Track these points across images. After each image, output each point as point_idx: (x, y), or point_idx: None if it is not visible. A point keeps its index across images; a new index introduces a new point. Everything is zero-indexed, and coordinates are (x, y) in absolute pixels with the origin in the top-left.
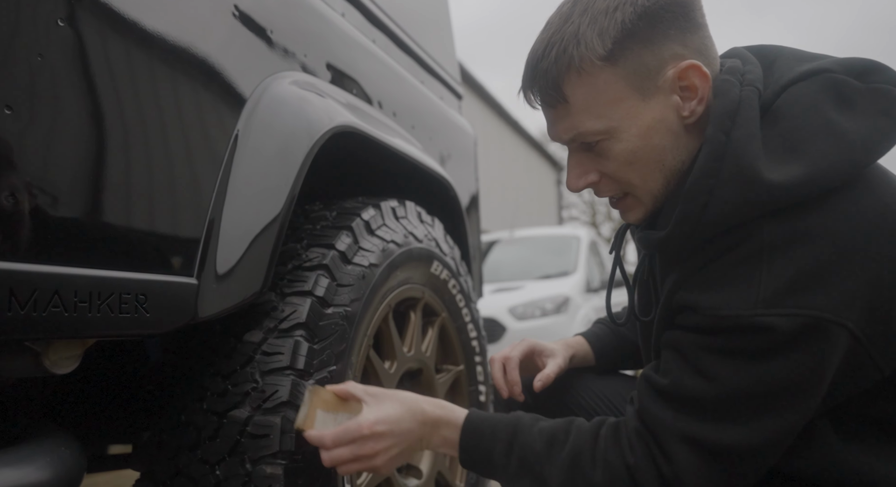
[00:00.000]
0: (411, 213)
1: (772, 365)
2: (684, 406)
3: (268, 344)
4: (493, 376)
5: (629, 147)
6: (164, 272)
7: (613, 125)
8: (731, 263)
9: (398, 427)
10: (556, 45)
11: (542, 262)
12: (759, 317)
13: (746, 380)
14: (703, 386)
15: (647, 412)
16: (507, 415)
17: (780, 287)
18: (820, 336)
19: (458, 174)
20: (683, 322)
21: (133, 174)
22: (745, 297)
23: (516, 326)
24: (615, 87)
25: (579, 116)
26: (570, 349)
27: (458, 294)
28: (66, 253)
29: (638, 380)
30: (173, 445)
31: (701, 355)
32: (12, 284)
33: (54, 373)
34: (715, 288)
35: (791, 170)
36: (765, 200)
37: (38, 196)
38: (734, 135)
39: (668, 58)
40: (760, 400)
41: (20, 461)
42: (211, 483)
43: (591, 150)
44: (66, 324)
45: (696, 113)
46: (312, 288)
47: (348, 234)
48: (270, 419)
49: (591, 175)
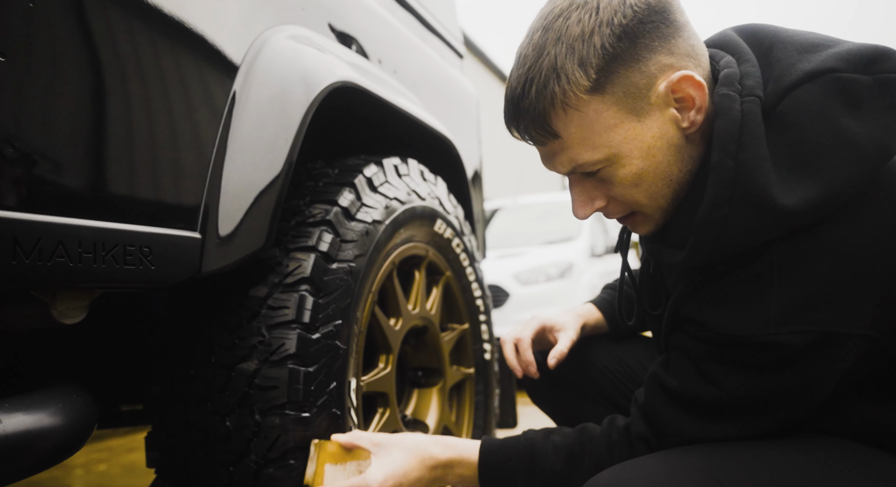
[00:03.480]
0: (414, 171)
1: (782, 374)
2: (692, 408)
3: (273, 298)
4: (507, 357)
5: (633, 170)
6: (168, 226)
7: (613, 152)
8: (741, 281)
9: (407, 479)
10: (534, 81)
11: (546, 228)
12: (771, 336)
13: (756, 388)
14: (712, 392)
15: (655, 411)
16: (520, 439)
17: (791, 305)
18: (832, 347)
19: (460, 134)
20: (693, 332)
21: (132, 127)
22: (756, 317)
23: (520, 291)
24: (607, 115)
25: (575, 149)
26: (580, 319)
27: (462, 253)
28: (69, 204)
29: (647, 378)
30: (183, 397)
31: (711, 364)
32: (16, 233)
33: (62, 323)
34: (725, 307)
35: (805, 191)
36: (780, 225)
37: (38, 147)
38: (742, 158)
39: (657, 72)
40: (768, 404)
41: (33, 406)
42: (221, 433)
43: (594, 177)
44: (71, 275)
45: (696, 122)
46: (316, 244)
47: (351, 191)
48: (278, 371)
49: (597, 201)
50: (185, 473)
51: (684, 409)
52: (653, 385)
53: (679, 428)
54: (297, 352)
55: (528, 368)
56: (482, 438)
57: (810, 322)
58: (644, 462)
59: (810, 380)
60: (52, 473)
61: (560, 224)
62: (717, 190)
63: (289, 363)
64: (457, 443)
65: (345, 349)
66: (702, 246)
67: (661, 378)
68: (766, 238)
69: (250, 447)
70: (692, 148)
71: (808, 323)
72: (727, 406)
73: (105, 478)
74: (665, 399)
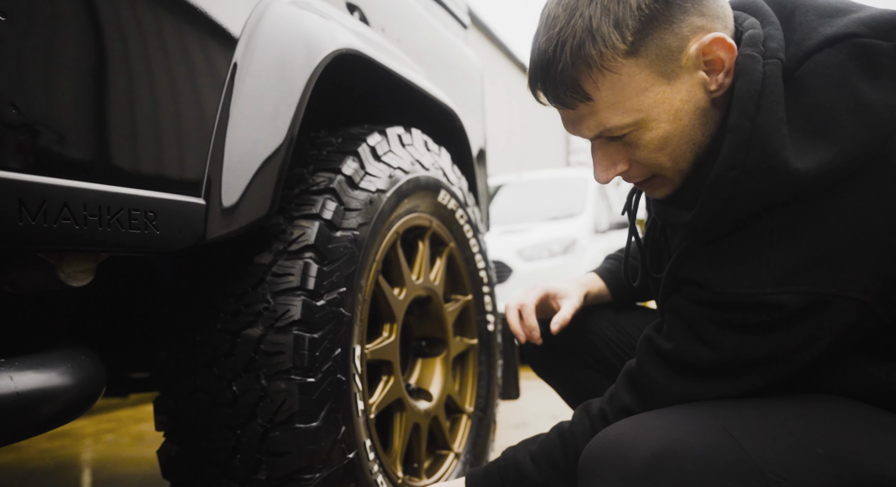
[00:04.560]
0: (417, 141)
1: (775, 336)
2: (684, 370)
3: (278, 265)
4: (510, 323)
5: (660, 134)
6: (171, 191)
7: (642, 116)
8: (742, 241)
9: None
10: (567, 42)
11: (550, 204)
12: (768, 296)
13: (749, 349)
14: (706, 353)
15: (645, 374)
16: (500, 462)
17: (789, 266)
18: (827, 309)
19: (464, 104)
20: (689, 294)
21: (133, 93)
22: (754, 276)
23: (524, 267)
24: (640, 78)
25: (605, 113)
26: (583, 287)
27: (465, 224)
28: (72, 167)
29: (640, 341)
30: (190, 363)
31: (706, 326)
32: (21, 194)
33: (69, 286)
34: (724, 266)
35: (818, 156)
36: (791, 189)
37: (40, 110)
38: (759, 121)
39: (689, 34)
40: (759, 365)
41: (43, 365)
42: (228, 397)
43: (619, 141)
44: (77, 237)
45: (724, 85)
46: (320, 212)
47: (354, 159)
48: (283, 337)
49: (619, 165)
50: (194, 436)
51: (675, 371)
52: (645, 347)
53: (667, 389)
54: (302, 319)
55: (532, 333)
56: (467, 474)
57: (807, 283)
58: (651, 415)
59: (803, 342)
60: (63, 442)
61: (564, 200)
62: (732, 151)
63: (294, 329)
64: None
65: (349, 316)
66: (711, 207)
67: (654, 340)
68: (775, 201)
69: (257, 411)
70: (716, 111)
71: (805, 283)
72: (719, 368)
73: (114, 447)
74: (657, 361)
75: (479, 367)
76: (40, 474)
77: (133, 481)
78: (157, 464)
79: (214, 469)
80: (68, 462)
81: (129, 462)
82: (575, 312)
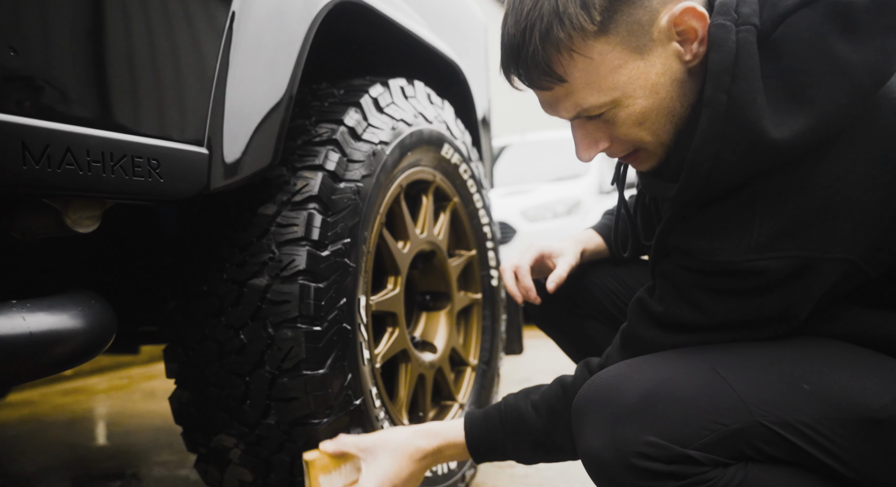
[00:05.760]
0: (420, 94)
1: (763, 298)
2: (674, 330)
3: (282, 216)
4: (506, 284)
5: (637, 109)
6: (173, 139)
7: (618, 94)
8: (725, 211)
9: (400, 479)
10: (536, 26)
11: (554, 165)
12: (752, 262)
13: (737, 312)
14: (696, 316)
15: (636, 334)
16: (500, 407)
17: (771, 232)
18: (811, 271)
19: (467, 58)
20: (678, 260)
21: (131, 41)
22: (737, 244)
23: (528, 228)
24: (612, 56)
25: (580, 94)
26: (579, 244)
27: (469, 179)
28: (71, 113)
29: (631, 303)
30: (198, 312)
31: (694, 291)
32: (24, 138)
33: (76, 232)
34: (708, 235)
35: (797, 123)
36: (771, 158)
37: (38, 54)
38: (734, 91)
39: (658, 5)
40: (747, 325)
41: (54, 307)
42: (236, 345)
43: (598, 119)
44: (82, 182)
45: (698, 55)
46: (323, 163)
47: (357, 111)
48: (289, 287)
49: (601, 143)
50: (204, 383)
51: (665, 331)
52: (637, 309)
53: (658, 346)
54: (308, 269)
55: (528, 294)
56: (464, 415)
57: (789, 248)
58: (641, 359)
59: (790, 303)
60: (76, 397)
61: (568, 161)
62: (710, 125)
63: (299, 278)
64: (441, 430)
65: (354, 267)
66: (693, 181)
67: (646, 302)
68: (756, 172)
69: (264, 358)
70: (693, 81)
71: (787, 249)
72: (708, 328)
73: (126, 402)
74: (649, 323)
75: (482, 321)
76: (56, 426)
77: (146, 433)
78: (168, 418)
79: (225, 414)
80: (83, 416)
81: (141, 415)
82: (571, 270)
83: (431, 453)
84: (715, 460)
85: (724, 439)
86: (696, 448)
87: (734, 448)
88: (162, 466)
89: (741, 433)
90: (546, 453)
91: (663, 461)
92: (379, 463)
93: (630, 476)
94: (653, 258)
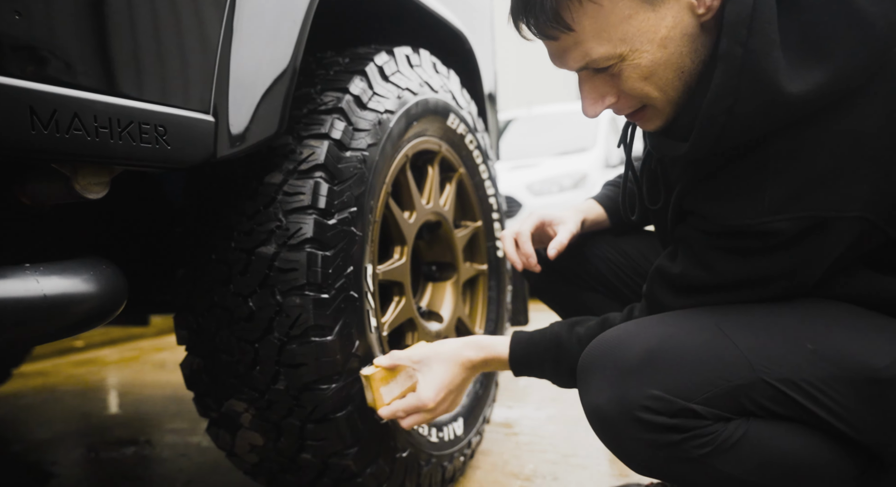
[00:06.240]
0: (426, 62)
1: (777, 259)
2: (686, 291)
3: (288, 184)
4: (506, 252)
5: (645, 63)
6: (179, 106)
7: (626, 47)
8: (739, 172)
9: (454, 385)
10: None
11: (561, 139)
12: (766, 224)
13: (749, 272)
14: (712, 278)
15: (654, 297)
16: (546, 332)
17: (784, 194)
18: (825, 231)
19: (473, 28)
20: (694, 223)
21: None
22: (751, 207)
23: (533, 202)
24: (622, 5)
25: (588, 44)
26: (580, 213)
27: (475, 149)
28: (79, 79)
29: (651, 270)
30: (207, 280)
31: (711, 253)
32: (31, 102)
33: (86, 198)
34: (723, 198)
35: (814, 77)
36: (786, 114)
37: (42, 17)
38: (751, 45)
39: None
40: (763, 285)
41: (67, 271)
42: (245, 312)
43: (605, 72)
44: (90, 148)
45: (712, 8)
46: (329, 131)
47: (362, 79)
48: (296, 255)
49: (608, 98)
50: (214, 349)
51: (681, 292)
52: (656, 273)
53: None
54: (315, 237)
55: (528, 260)
56: (512, 335)
57: (802, 208)
58: (648, 318)
59: (805, 262)
60: (88, 368)
61: (574, 134)
62: (725, 79)
63: (307, 247)
64: (488, 343)
65: (360, 236)
66: (705, 138)
67: (664, 266)
68: (770, 128)
69: (273, 325)
70: (706, 37)
71: (801, 209)
72: (719, 288)
73: (137, 373)
74: (666, 285)
75: (488, 292)
76: (70, 396)
77: (157, 402)
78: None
79: (235, 379)
80: (95, 386)
81: (152, 386)
82: (572, 238)
83: (479, 363)
84: (717, 414)
85: (726, 394)
86: (699, 403)
87: (736, 403)
88: (174, 433)
89: (744, 389)
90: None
91: (666, 414)
92: (434, 372)
93: (633, 429)
94: (671, 222)
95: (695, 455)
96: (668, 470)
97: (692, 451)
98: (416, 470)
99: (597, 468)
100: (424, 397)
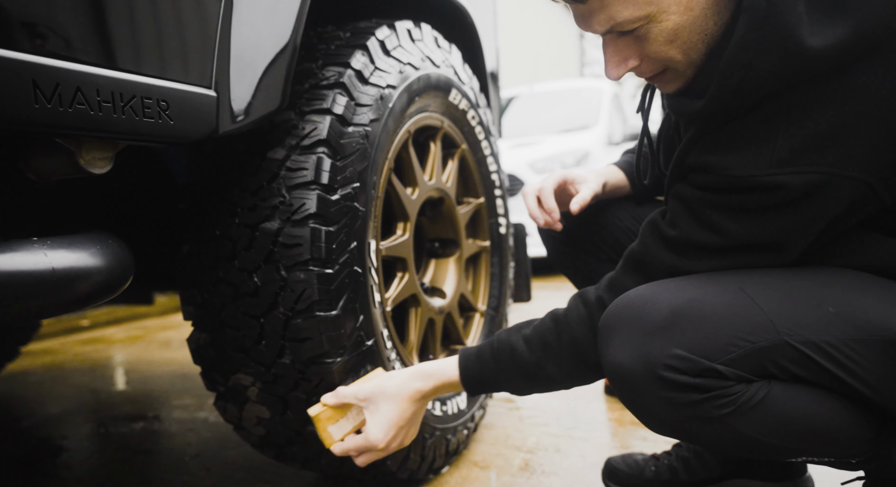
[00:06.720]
0: (427, 37)
1: (777, 215)
2: (689, 252)
3: (291, 160)
4: (529, 207)
5: (670, 26)
6: (181, 81)
7: (653, 9)
8: (748, 125)
9: (403, 420)
10: None
11: (563, 116)
12: (771, 176)
13: (752, 231)
14: (711, 237)
15: (650, 254)
16: (493, 343)
17: (793, 147)
18: (828, 189)
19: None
20: (695, 180)
21: None
22: (759, 158)
23: (536, 180)
24: None
25: (614, 7)
26: (602, 176)
27: (477, 125)
28: (81, 53)
29: (643, 225)
30: (212, 256)
31: (710, 212)
32: (34, 76)
33: (90, 172)
34: (729, 150)
35: (835, 32)
36: (804, 69)
37: None
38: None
39: None
40: (762, 247)
41: (74, 245)
42: (250, 287)
43: (630, 35)
44: (93, 122)
45: None
46: (331, 106)
47: (364, 53)
48: (300, 230)
49: (630, 60)
50: (220, 324)
51: (679, 255)
52: (650, 231)
53: (672, 269)
54: (318, 212)
55: (552, 214)
56: (459, 353)
57: (811, 162)
58: (670, 280)
59: (805, 222)
60: (95, 346)
61: (577, 111)
62: (747, 31)
63: (310, 222)
64: (436, 370)
65: (364, 211)
66: (723, 91)
67: (659, 225)
68: (787, 83)
69: (278, 300)
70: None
71: (808, 163)
72: (723, 249)
73: (143, 351)
74: (662, 246)
75: (491, 269)
76: (78, 373)
77: (164, 379)
78: (184, 364)
79: (241, 354)
80: (103, 364)
81: (158, 363)
82: (595, 196)
83: (429, 393)
84: (740, 375)
85: (750, 356)
86: (722, 363)
87: (759, 365)
88: (181, 409)
89: (767, 351)
90: (538, 384)
91: (690, 373)
92: (381, 411)
93: (656, 388)
94: (669, 181)
95: (715, 415)
96: (687, 429)
97: (713, 411)
98: (420, 442)
99: (598, 440)
100: (373, 438)
